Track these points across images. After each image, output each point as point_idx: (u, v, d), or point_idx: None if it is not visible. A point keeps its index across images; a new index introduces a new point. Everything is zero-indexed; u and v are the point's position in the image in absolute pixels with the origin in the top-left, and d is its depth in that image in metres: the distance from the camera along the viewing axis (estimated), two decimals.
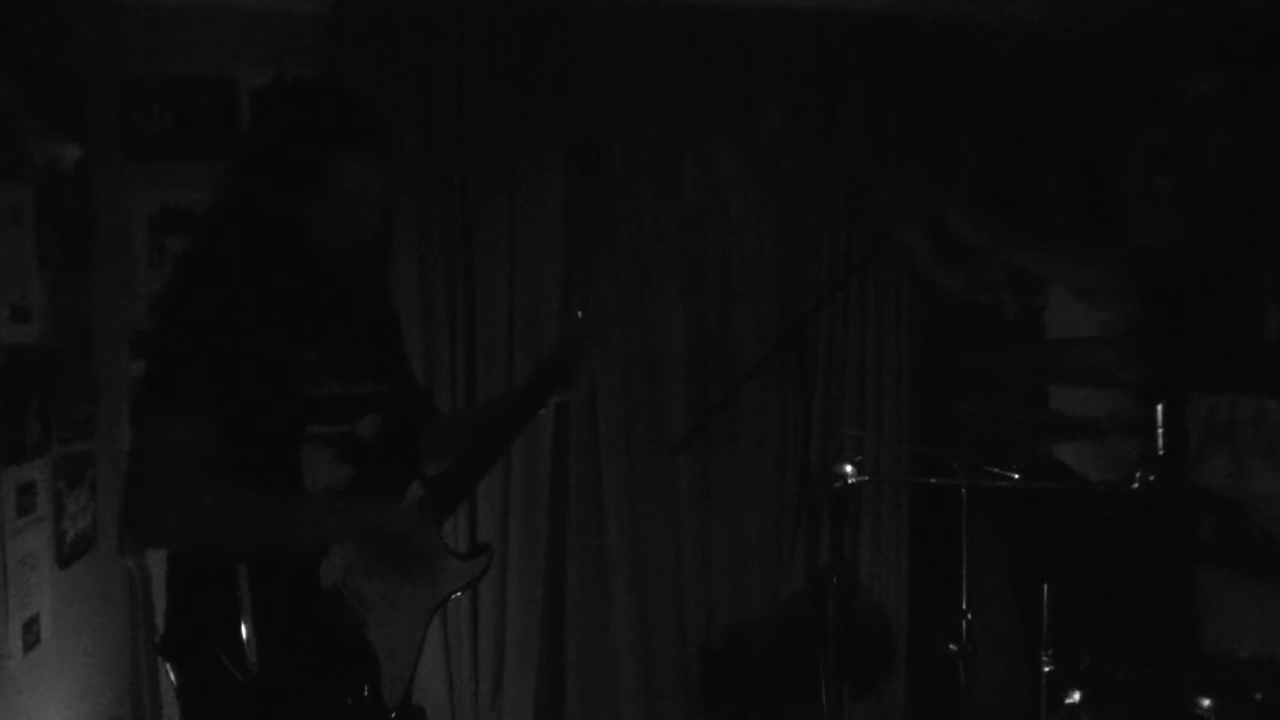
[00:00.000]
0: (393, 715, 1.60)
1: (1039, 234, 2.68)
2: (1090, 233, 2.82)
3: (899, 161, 3.17)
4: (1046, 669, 2.22)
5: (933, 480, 2.24)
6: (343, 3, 2.95)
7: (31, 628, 2.43)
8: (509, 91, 2.99)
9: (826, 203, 3.26)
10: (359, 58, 2.95)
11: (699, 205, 3.23)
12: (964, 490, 2.23)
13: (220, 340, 1.49)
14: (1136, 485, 1.87)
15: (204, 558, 1.51)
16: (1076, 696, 1.98)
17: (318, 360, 1.58)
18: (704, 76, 3.09)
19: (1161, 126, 2.92)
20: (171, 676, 1.55)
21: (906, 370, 3.26)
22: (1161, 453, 1.96)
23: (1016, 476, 2.13)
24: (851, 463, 2.01)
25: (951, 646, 2.27)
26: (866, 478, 2.02)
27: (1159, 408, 2.01)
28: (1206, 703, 1.74)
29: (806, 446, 2.96)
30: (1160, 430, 1.97)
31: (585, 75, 3.03)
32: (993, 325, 3.02)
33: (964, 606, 2.25)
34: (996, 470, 2.19)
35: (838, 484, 2.00)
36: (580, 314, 1.89)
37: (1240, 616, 2.64)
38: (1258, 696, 1.76)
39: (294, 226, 1.55)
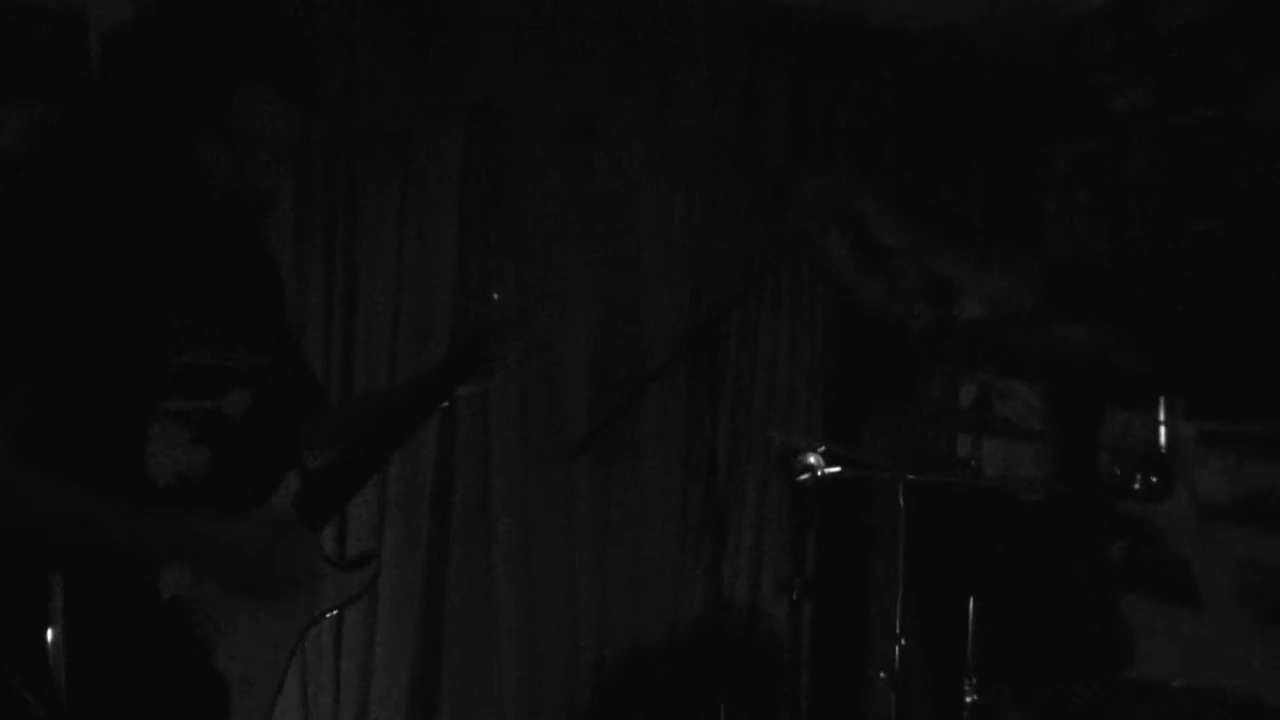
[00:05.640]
0: None
1: (958, 239, 2.79)
2: (1008, 242, 2.89)
3: (821, 160, 3.19)
4: (969, 699, 2.11)
5: (881, 475, 2.19)
6: None
7: None
8: (406, 54, 2.85)
9: (745, 197, 3.25)
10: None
11: (609, 191, 3.12)
12: (901, 497, 2.12)
13: (47, 283, 1.21)
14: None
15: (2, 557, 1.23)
16: None
17: (183, 322, 1.33)
18: (621, 58, 3.05)
19: (1085, 139, 2.99)
20: None
21: (820, 373, 3.28)
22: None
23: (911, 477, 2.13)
24: (815, 452, 1.83)
25: (881, 675, 2.15)
26: (838, 469, 1.85)
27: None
28: None
29: (713, 451, 2.81)
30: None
31: (493, 45, 2.92)
32: (903, 334, 3.05)
33: (898, 631, 2.14)
34: (910, 476, 2.19)
35: (804, 477, 1.81)
36: (496, 296, 1.74)
37: (1163, 642, 2.63)
38: None
39: (174, 158, 1.29)
